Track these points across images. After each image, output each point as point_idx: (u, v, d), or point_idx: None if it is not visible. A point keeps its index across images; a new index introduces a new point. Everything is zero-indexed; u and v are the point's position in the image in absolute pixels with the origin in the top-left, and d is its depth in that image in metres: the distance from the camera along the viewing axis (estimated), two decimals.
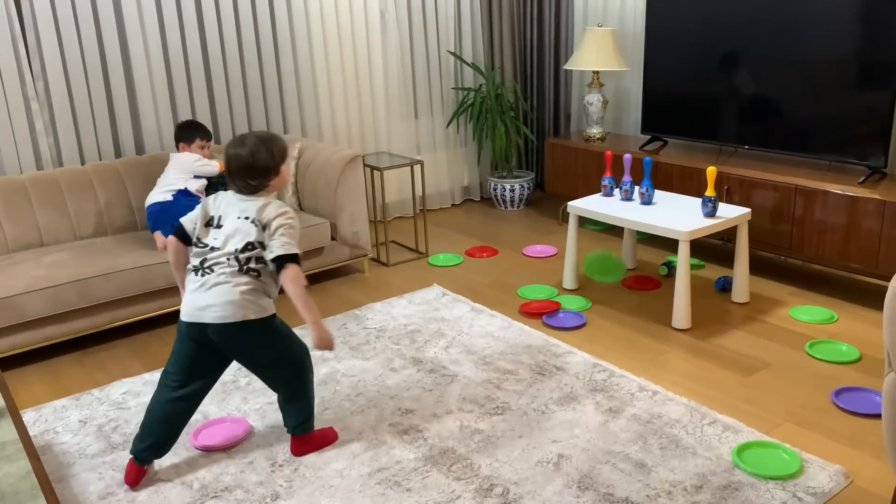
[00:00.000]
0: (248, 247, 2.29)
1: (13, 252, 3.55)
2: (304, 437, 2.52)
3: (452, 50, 5.15)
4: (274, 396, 2.89)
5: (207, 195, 3.73)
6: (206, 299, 2.26)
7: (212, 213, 2.36)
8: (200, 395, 2.39)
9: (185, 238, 2.39)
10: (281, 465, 2.46)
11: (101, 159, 3.96)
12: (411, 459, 2.46)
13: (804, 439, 2.51)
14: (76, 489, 2.38)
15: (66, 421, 2.79)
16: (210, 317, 2.25)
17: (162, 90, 4.06)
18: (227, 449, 2.56)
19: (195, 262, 2.32)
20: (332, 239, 3.96)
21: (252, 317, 2.29)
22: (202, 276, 2.29)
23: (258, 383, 2.98)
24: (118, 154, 4.03)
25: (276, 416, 2.74)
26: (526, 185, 5.26)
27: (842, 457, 2.41)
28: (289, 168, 2.40)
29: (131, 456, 2.37)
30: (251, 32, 4.29)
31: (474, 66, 5.16)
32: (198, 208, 2.40)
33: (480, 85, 5.16)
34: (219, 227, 2.34)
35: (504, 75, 5.27)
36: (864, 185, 3.50)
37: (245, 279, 2.28)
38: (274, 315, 2.38)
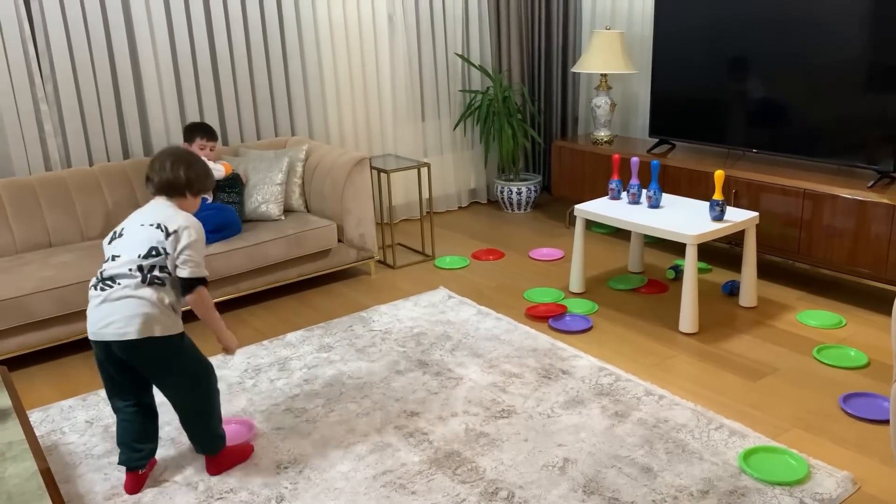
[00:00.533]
0: (153, 252, 2.20)
1: (22, 253, 3.56)
2: (218, 456, 2.44)
3: (460, 52, 5.15)
4: (280, 398, 2.89)
5: (214, 197, 3.76)
6: (108, 315, 2.16)
7: (115, 230, 2.33)
8: (151, 401, 2.36)
9: None
10: (286, 467, 2.46)
11: (109, 161, 3.97)
12: (416, 462, 2.46)
13: (811, 445, 2.50)
14: (82, 489, 2.39)
15: (73, 421, 2.80)
16: (112, 333, 2.15)
17: (170, 92, 4.08)
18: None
19: (96, 276, 2.23)
20: (339, 241, 3.97)
21: (157, 333, 2.19)
22: (102, 290, 2.18)
23: (264, 385, 2.99)
24: (126, 155, 4.05)
25: (281, 418, 2.74)
26: (533, 188, 5.26)
27: (849, 463, 2.40)
28: (198, 201, 2.42)
29: (124, 467, 2.36)
30: (259, 34, 4.30)
31: (482, 69, 5.16)
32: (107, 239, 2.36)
33: (488, 87, 5.16)
34: (119, 236, 2.29)
35: (511, 78, 5.27)
36: (874, 189, 3.48)
37: (149, 291, 2.17)
38: (182, 334, 2.28)
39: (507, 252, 4.50)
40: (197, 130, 3.77)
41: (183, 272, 2.22)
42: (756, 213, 3.47)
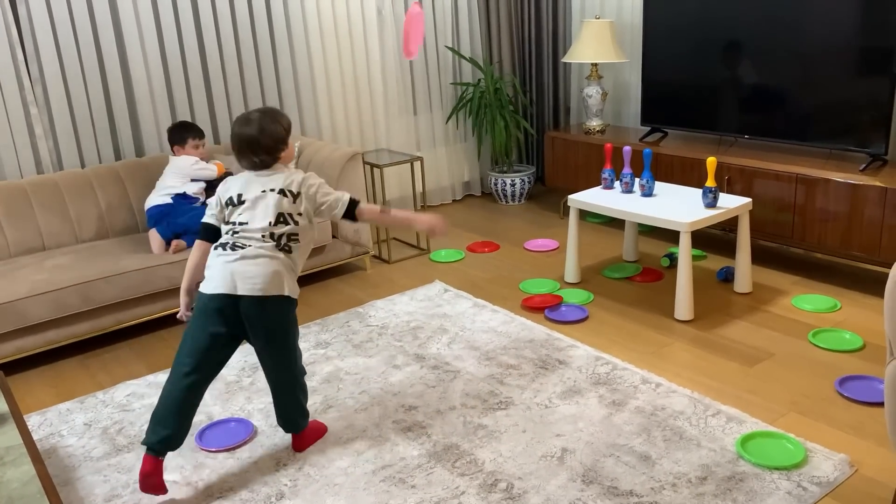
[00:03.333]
0: (280, 219, 2.29)
1: (15, 256, 3.56)
2: (302, 433, 2.52)
3: (450, 45, 5.14)
4: None
5: (207, 197, 3.76)
6: (245, 271, 2.24)
7: (230, 194, 2.34)
8: (207, 383, 2.34)
9: (211, 237, 2.39)
10: (285, 465, 2.46)
11: (101, 162, 3.96)
12: (415, 456, 2.47)
13: (808, 429, 2.51)
14: (82, 492, 2.39)
15: (71, 424, 2.80)
16: (249, 288, 2.23)
17: (160, 92, 4.06)
18: (231, 450, 2.57)
19: (225, 238, 2.31)
20: (333, 237, 3.97)
21: (287, 293, 2.30)
22: (235, 249, 2.26)
23: (262, 383, 2.99)
24: (118, 157, 4.04)
25: None
26: (526, 179, 5.26)
27: (846, 445, 2.41)
28: (293, 143, 2.44)
29: (146, 449, 2.26)
30: (248, 32, 4.28)
31: (472, 61, 5.15)
32: (212, 201, 2.40)
33: (479, 80, 5.15)
34: (241, 202, 2.32)
35: (502, 69, 5.26)
36: (866, 172, 3.49)
37: (282, 255, 2.29)
38: (296, 301, 2.38)
39: (502, 244, 4.50)
40: (188, 131, 3.76)
41: (337, 210, 2.38)
42: (749, 199, 3.48)
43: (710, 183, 3.37)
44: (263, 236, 2.28)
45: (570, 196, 3.75)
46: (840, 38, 3.56)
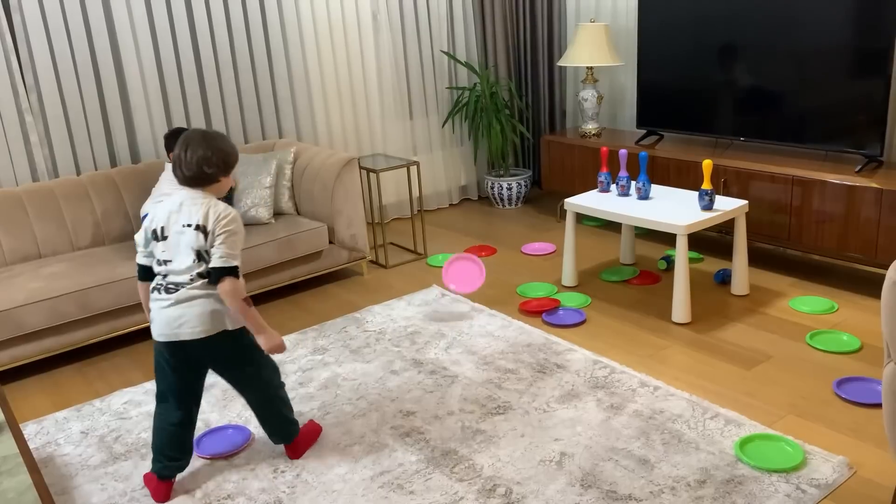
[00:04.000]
0: (199, 256, 2.21)
1: (11, 265, 3.55)
2: (294, 442, 2.52)
3: (446, 49, 5.14)
4: None
5: None
6: (180, 316, 2.20)
7: (154, 226, 2.25)
8: (193, 412, 2.39)
9: (149, 276, 2.30)
10: (283, 471, 2.46)
11: (96, 169, 3.96)
12: (413, 462, 2.46)
13: (807, 431, 2.50)
14: (79, 501, 2.38)
15: (68, 432, 2.78)
16: (189, 333, 2.21)
17: (155, 98, 4.06)
18: (229, 457, 2.56)
19: (157, 280, 2.26)
20: (330, 242, 3.96)
21: (230, 327, 2.26)
22: (169, 293, 2.22)
23: None
24: (114, 163, 4.03)
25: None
26: (523, 183, 5.26)
27: (845, 448, 2.41)
28: (231, 177, 2.33)
29: (154, 474, 2.36)
30: (243, 37, 4.28)
31: (468, 65, 5.15)
32: (138, 238, 2.30)
33: (475, 84, 5.15)
34: (164, 237, 2.23)
35: (498, 73, 5.26)
36: (861, 174, 3.49)
37: (212, 289, 2.21)
38: (244, 328, 2.31)
39: (499, 248, 4.50)
40: (176, 138, 3.75)
41: (212, 263, 2.20)
42: (745, 202, 3.48)
43: (707, 185, 3.37)
44: (191, 277, 2.21)
45: (566, 200, 3.75)
46: (835, 40, 3.57)
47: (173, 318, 2.21)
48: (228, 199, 3.80)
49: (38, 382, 3.21)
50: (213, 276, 2.19)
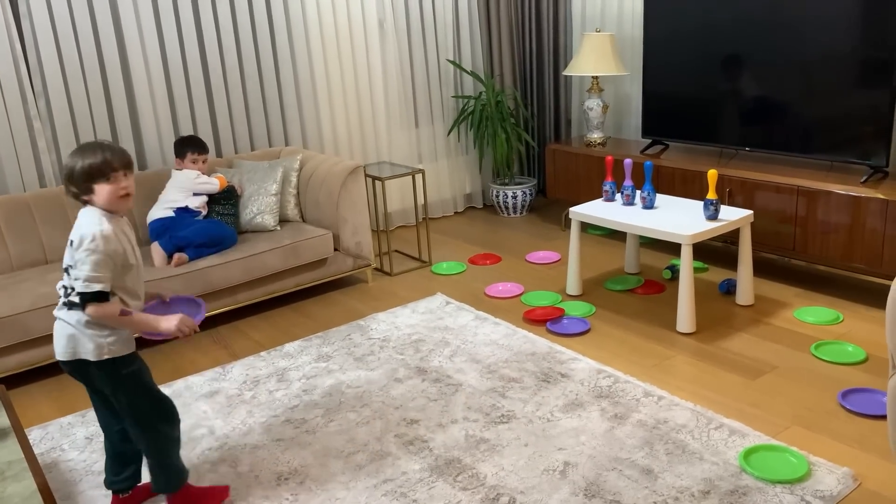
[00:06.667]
0: (67, 273, 2.06)
1: (18, 270, 3.56)
2: (178, 495, 2.30)
3: (451, 58, 5.16)
4: (279, 409, 2.89)
5: (210, 210, 3.77)
6: (55, 331, 2.11)
7: (70, 237, 2.10)
8: (122, 434, 2.29)
9: None
10: (286, 479, 2.46)
11: None
12: (417, 470, 2.46)
13: (811, 442, 2.50)
14: None
15: (73, 438, 2.79)
16: (58, 352, 2.11)
17: (163, 105, 4.08)
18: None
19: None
20: (335, 250, 3.97)
21: (90, 358, 2.07)
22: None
23: (263, 396, 2.99)
24: None
25: (281, 429, 2.74)
26: (528, 192, 5.27)
27: (850, 459, 2.40)
28: (109, 188, 2.06)
29: (111, 491, 2.34)
30: (250, 45, 4.31)
31: (474, 74, 5.17)
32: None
33: (480, 92, 5.17)
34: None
35: (503, 82, 5.28)
36: (867, 184, 3.49)
37: (67, 313, 2.07)
38: (124, 359, 2.12)
39: (503, 256, 4.50)
40: (187, 144, 3.78)
41: (76, 288, 2.01)
42: (750, 212, 3.48)
43: (712, 195, 3.37)
44: (66, 288, 2.06)
45: (571, 208, 3.75)
46: (840, 51, 3.58)
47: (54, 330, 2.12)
48: (234, 205, 3.83)
49: (43, 388, 3.22)
50: (80, 302, 2.01)
